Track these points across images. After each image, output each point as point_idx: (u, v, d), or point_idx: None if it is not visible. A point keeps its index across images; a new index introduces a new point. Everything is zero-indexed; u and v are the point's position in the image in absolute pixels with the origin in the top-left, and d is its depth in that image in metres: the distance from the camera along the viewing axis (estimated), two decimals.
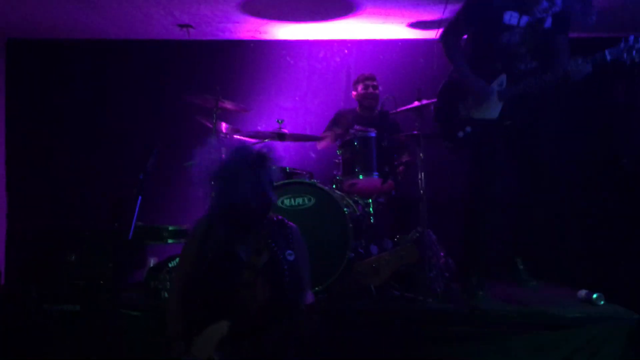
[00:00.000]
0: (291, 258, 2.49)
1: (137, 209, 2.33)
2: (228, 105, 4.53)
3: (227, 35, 5.80)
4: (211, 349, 2.29)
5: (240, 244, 2.49)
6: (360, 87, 4.92)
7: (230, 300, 2.39)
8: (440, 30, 4.02)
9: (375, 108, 4.87)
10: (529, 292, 3.75)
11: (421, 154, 4.11)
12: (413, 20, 5.33)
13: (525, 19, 3.43)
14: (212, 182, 2.42)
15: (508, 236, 3.90)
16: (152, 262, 4.35)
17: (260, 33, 5.71)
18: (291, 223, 2.64)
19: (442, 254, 4.17)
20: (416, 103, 4.20)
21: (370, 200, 4.41)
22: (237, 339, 2.29)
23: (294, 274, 2.48)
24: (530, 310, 3.35)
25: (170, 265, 3.71)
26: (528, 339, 3.20)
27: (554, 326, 3.22)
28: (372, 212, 4.39)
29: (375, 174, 4.14)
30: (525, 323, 3.25)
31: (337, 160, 4.49)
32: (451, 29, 3.76)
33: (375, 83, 4.94)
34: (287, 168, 4.32)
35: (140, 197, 2.33)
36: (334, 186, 4.36)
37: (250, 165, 2.43)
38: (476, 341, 3.23)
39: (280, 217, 2.64)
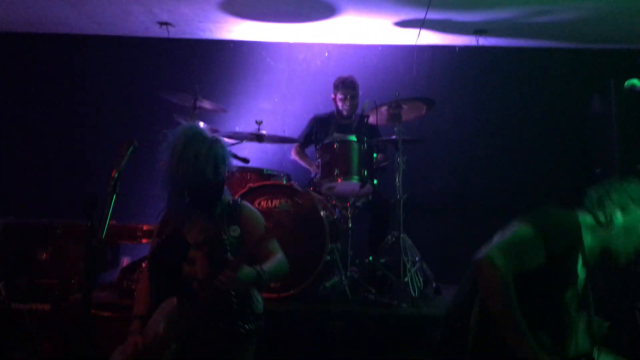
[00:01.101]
0: (235, 233, 2.51)
1: (111, 208, 2.30)
2: (206, 104, 4.50)
3: (207, 35, 5.78)
4: (162, 325, 2.34)
5: (190, 222, 2.55)
6: (338, 95, 4.78)
7: (177, 277, 2.47)
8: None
9: (352, 115, 4.83)
10: None
11: (399, 159, 4.14)
12: (394, 23, 5.34)
13: (584, 272, 2.47)
14: (167, 160, 2.49)
15: None
16: (126, 261, 4.29)
17: (240, 33, 5.69)
18: (245, 202, 2.65)
19: (417, 258, 4.19)
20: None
21: (348, 204, 4.40)
22: (183, 314, 2.34)
23: (239, 249, 2.49)
24: None
25: (143, 265, 3.66)
26: None
27: None
28: (350, 216, 4.39)
29: (354, 177, 4.12)
30: None
31: (316, 163, 4.46)
32: (512, 259, 2.25)
33: (354, 92, 4.76)
34: (265, 169, 4.29)
35: (114, 196, 2.30)
36: (311, 189, 4.34)
37: (201, 140, 2.48)
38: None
39: (237, 198, 2.68)
